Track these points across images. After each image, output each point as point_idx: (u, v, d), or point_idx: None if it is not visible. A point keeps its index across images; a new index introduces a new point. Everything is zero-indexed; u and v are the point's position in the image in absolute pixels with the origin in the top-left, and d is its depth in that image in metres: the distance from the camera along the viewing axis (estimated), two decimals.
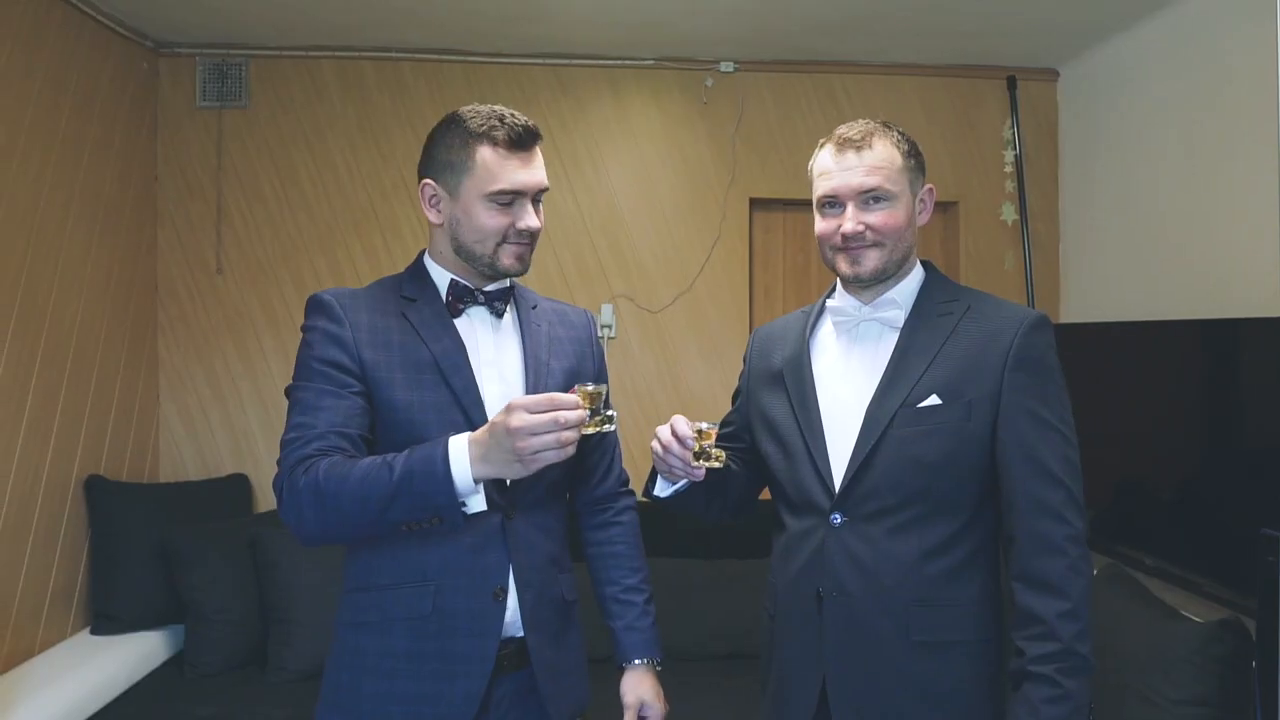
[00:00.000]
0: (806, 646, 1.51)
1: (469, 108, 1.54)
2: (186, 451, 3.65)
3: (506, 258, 1.54)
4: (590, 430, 1.32)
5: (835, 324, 1.61)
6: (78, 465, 3.12)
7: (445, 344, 1.53)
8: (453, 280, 1.58)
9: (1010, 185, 3.82)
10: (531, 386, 1.56)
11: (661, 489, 1.59)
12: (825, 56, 3.73)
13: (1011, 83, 3.78)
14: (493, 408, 1.52)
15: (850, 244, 1.52)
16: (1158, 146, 3.19)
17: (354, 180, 3.69)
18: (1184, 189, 3.06)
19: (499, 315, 1.61)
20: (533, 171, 1.53)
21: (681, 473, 1.47)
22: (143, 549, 3.14)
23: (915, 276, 1.60)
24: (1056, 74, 3.84)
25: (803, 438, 1.54)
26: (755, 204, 3.85)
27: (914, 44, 3.59)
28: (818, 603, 1.49)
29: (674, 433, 1.45)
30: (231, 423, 3.66)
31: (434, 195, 1.56)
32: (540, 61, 3.73)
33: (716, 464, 1.48)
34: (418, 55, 3.68)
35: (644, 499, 1.68)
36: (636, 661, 1.68)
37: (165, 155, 3.64)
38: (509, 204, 1.52)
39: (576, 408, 1.30)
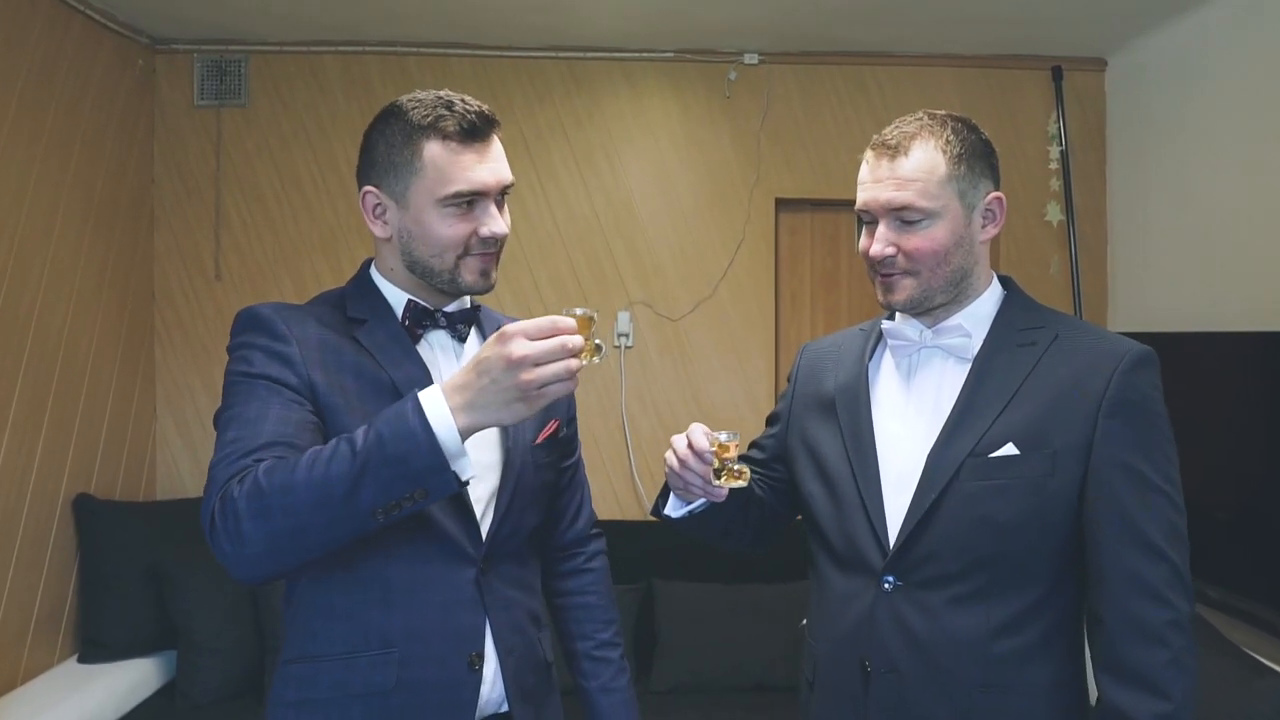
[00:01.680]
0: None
1: (410, 96, 1.31)
2: (184, 466, 3.50)
3: (469, 273, 1.31)
4: (584, 359, 1.10)
5: (892, 349, 1.39)
6: (65, 483, 2.97)
7: (408, 369, 1.29)
8: (409, 301, 1.35)
9: (1055, 183, 3.59)
10: (512, 431, 1.36)
11: (674, 508, 1.39)
12: (855, 47, 3.52)
13: (1057, 73, 3.55)
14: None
15: (881, 268, 1.31)
16: (1219, 140, 2.95)
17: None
18: (1248, 187, 2.82)
19: (461, 340, 1.38)
20: (493, 166, 1.29)
21: (699, 492, 1.27)
22: (134, 572, 3.00)
23: (990, 298, 1.36)
24: (1104, 63, 3.60)
25: (856, 483, 1.32)
26: (781, 204, 3.64)
27: (950, 32, 3.37)
28: (864, 677, 1.28)
29: (691, 445, 1.25)
30: None
31: (378, 204, 1.33)
32: (553, 55, 3.54)
33: (740, 482, 1.27)
34: (424, 49, 3.51)
35: (653, 518, 1.49)
36: None
37: (162, 156, 3.50)
38: (468, 208, 1.28)
39: (576, 332, 1.08)
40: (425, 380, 1.28)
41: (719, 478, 1.26)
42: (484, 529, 1.31)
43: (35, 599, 2.82)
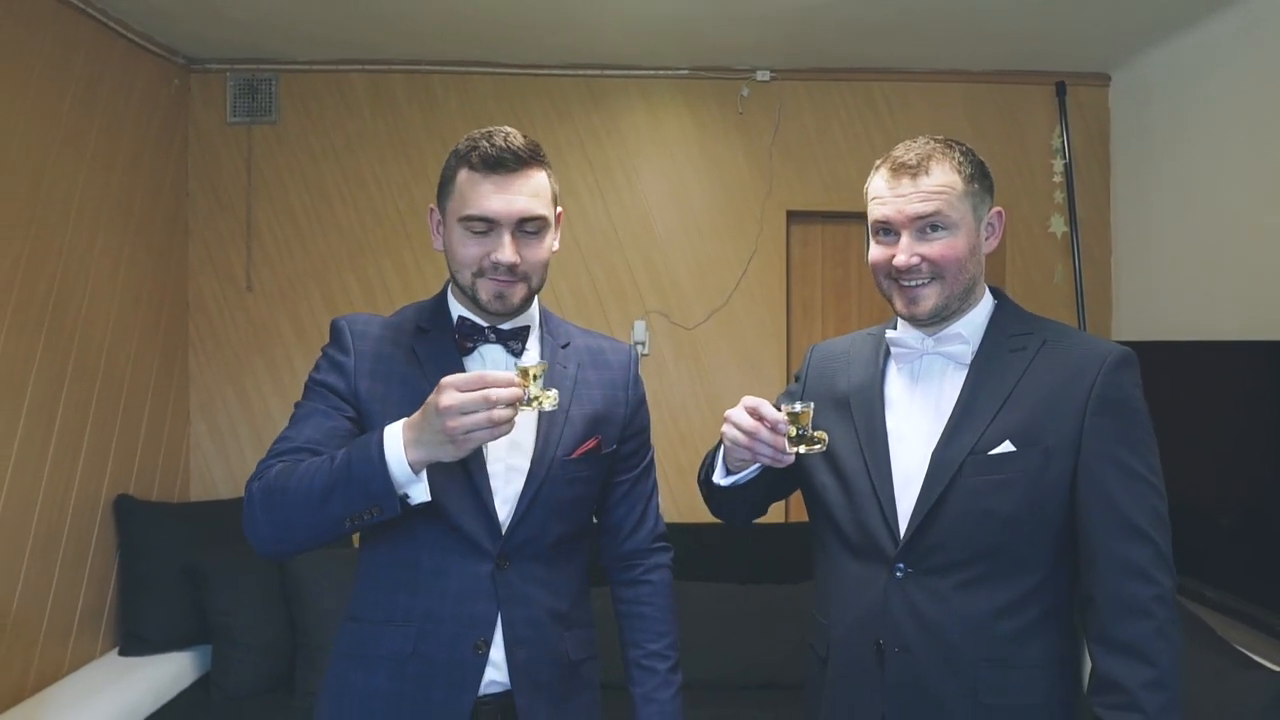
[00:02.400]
0: (867, 700, 1.41)
1: (475, 130, 1.46)
2: (217, 470, 3.63)
3: (484, 292, 1.43)
4: (525, 409, 1.23)
5: (896, 355, 1.49)
6: (107, 485, 3.11)
7: (439, 369, 1.43)
8: (460, 317, 1.49)
9: (1059, 196, 3.68)
10: (543, 438, 1.46)
11: (721, 476, 1.47)
12: (865, 63, 3.63)
13: (1060, 88, 3.64)
14: (495, 460, 1.43)
15: (905, 278, 1.40)
16: (1219, 154, 3.04)
17: (384, 195, 3.66)
18: (1248, 200, 2.90)
19: (517, 355, 1.50)
20: (509, 198, 1.39)
21: (769, 459, 1.34)
22: (171, 570, 3.12)
23: (984, 307, 1.47)
24: (1108, 78, 3.69)
25: (870, 478, 1.42)
26: (793, 216, 3.75)
27: (958, 49, 3.47)
28: (878, 655, 1.39)
29: (760, 417, 1.32)
30: (262, 440, 3.63)
31: (438, 220, 1.49)
32: (572, 73, 3.67)
33: (819, 446, 1.36)
34: (448, 68, 3.64)
35: (702, 488, 1.57)
36: None
37: (196, 171, 3.64)
38: (484, 232, 1.40)
39: (511, 385, 1.21)
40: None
41: (799, 444, 1.33)
42: (504, 527, 1.42)
43: (79, 595, 2.95)
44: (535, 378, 1.25)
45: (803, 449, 1.34)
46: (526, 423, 1.45)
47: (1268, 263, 2.79)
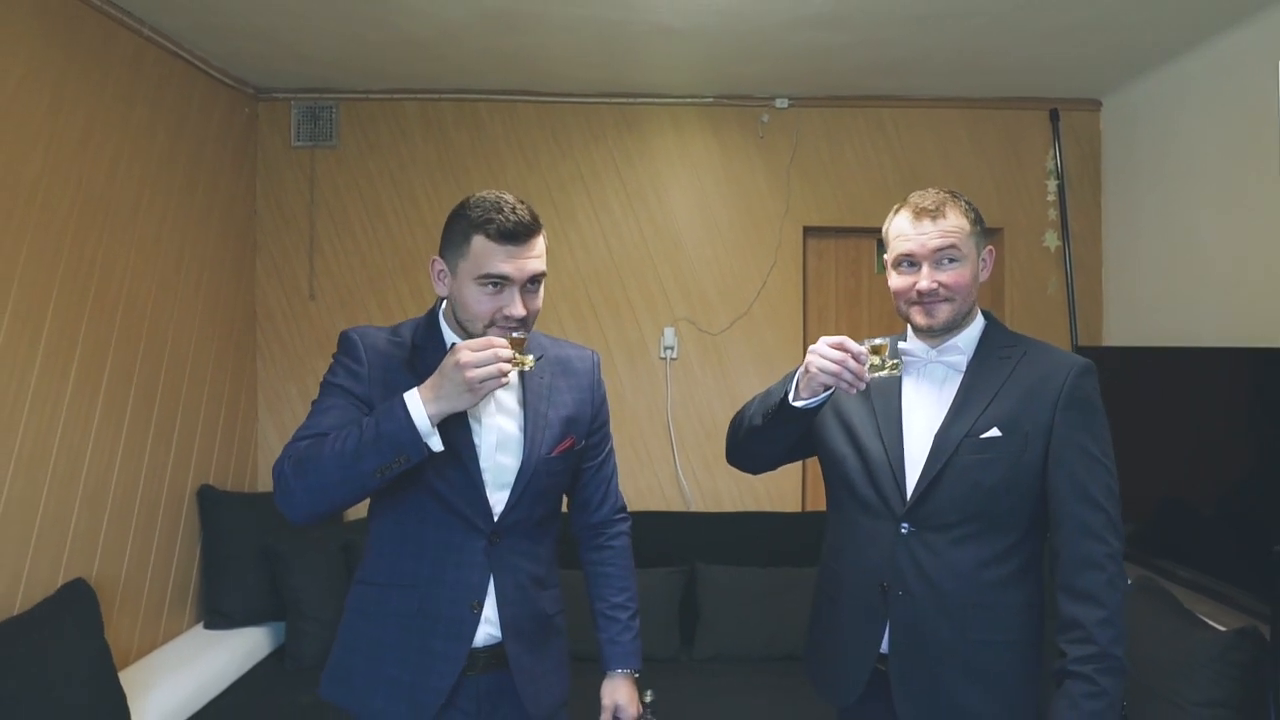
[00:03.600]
0: (868, 634, 1.74)
1: (477, 196, 1.65)
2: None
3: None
4: (515, 366, 1.56)
5: (906, 362, 1.82)
6: (192, 476, 3.45)
7: None
8: (454, 344, 1.71)
9: (1053, 213, 3.99)
10: (529, 438, 1.75)
11: (796, 399, 1.72)
12: (875, 92, 3.93)
13: (1054, 115, 3.95)
14: (487, 456, 1.72)
15: (925, 299, 1.73)
16: (1198, 176, 3.33)
17: (435, 213, 3.98)
18: (1224, 218, 3.19)
19: None
20: (521, 263, 1.61)
21: (847, 384, 1.62)
22: (248, 552, 3.45)
23: (976, 326, 1.80)
24: (1099, 104, 3.99)
25: (885, 452, 1.74)
26: (809, 231, 4.06)
27: (959, 79, 3.76)
28: (882, 595, 1.72)
29: (845, 349, 1.62)
30: None
31: (441, 270, 1.69)
32: (608, 101, 3.98)
33: (897, 371, 1.68)
34: (494, 96, 3.96)
35: (794, 405, 1.73)
36: (617, 671, 1.89)
37: (263, 191, 3.98)
38: (498, 290, 1.62)
39: (507, 347, 1.53)
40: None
41: (881, 370, 1.65)
42: (496, 513, 1.73)
43: (170, 575, 3.30)
44: (521, 347, 1.58)
45: (885, 371, 1.66)
46: (512, 428, 1.75)
47: (1241, 276, 3.09)
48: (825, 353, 1.63)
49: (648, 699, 2.15)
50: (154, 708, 2.77)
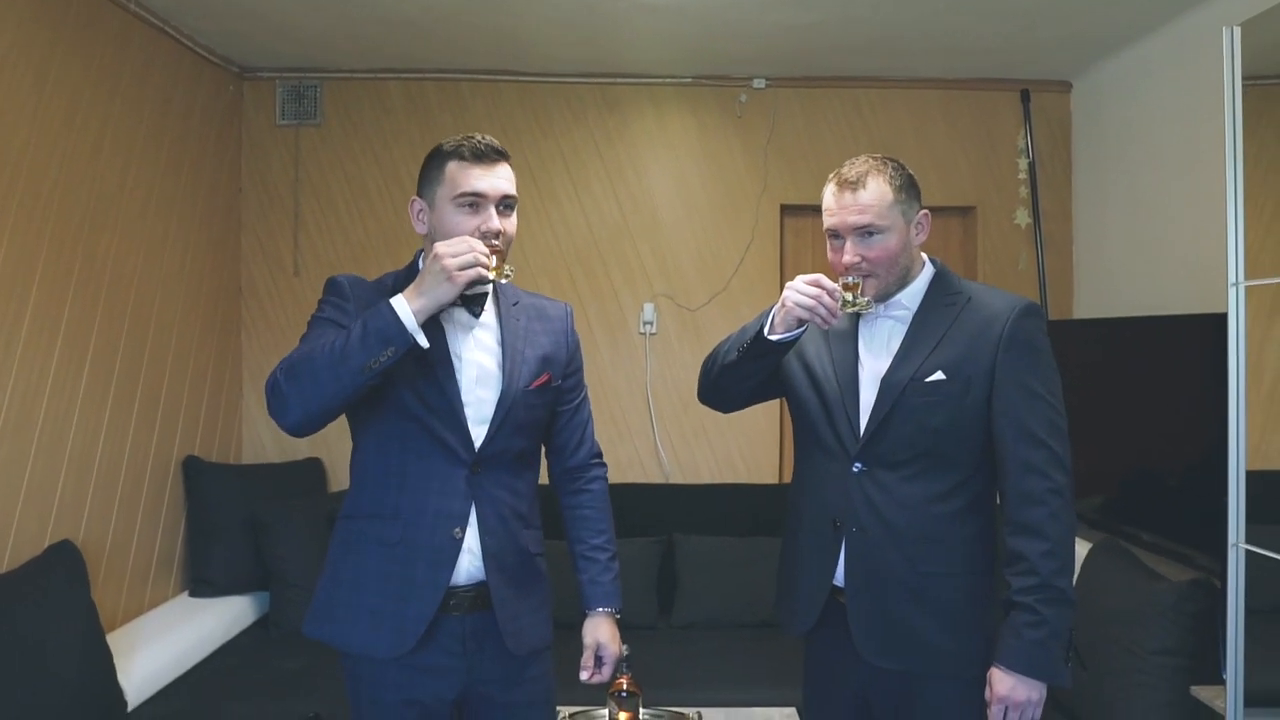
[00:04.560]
0: (821, 567, 1.81)
1: (450, 138, 1.78)
2: (266, 437, 4.02)
3: None
4: (492, 275, 1.64)
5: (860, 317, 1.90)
6: (177, 447, 3.50)
7: (425, 328, 1.72)
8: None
9: (1024, 191, 4.08)
10: (507, 373, 1.81)
11: (771, 333, 1.77)
12: (851, 73, 4.01)
13: (1025, 96, 4.04)
14: (468, 390, 1.78)
15: (850, 274, 1.78)
16: (1160, 154, 3.42)
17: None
18: (1185, 193, 3.28)
19: (476, 315, 1.83)
20: (494, 180, 1.73)
21: (821, 319, 1.69)
22: (233, 522, 3.51)
23: (923, 278, 1.85)
24: (1069, 85, 4.08)
25: (841, 395, 1.81)
26: (786, 210, 4.14)
27: (934, 61, 3.84)
28: (835, 532, 1.78)
29: (821, 285, 1.68)
30: None
31: (420, 209, 1.80)
32: (588, 80, 4.05)
33: (869, 309, 1.75)
34: (476, 76, 4.02)
35: (770, 338, 1.79)
36: (598, 610, 1.93)
37: (248, 169, 4.03)
38: (474, 207, 1.72)
39: (482, 250, 1.61)
40: (439, 339, 1.76)
41: (854, 306, 1.72)
42: (478, 443, 1.78)
43: (155, 543, 3.35)
44: (500, 261, 1.67)
45: (855, 310, 1.73)
46: (491, 364, 1.82)
47: (1199, 248, 3.17)
48: (802, 289, 1.69)
49: (624, 652, 2.20)
50: (139, 670, 2.82)
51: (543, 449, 1.99)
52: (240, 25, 3.47)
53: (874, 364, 1.82)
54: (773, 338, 1.76)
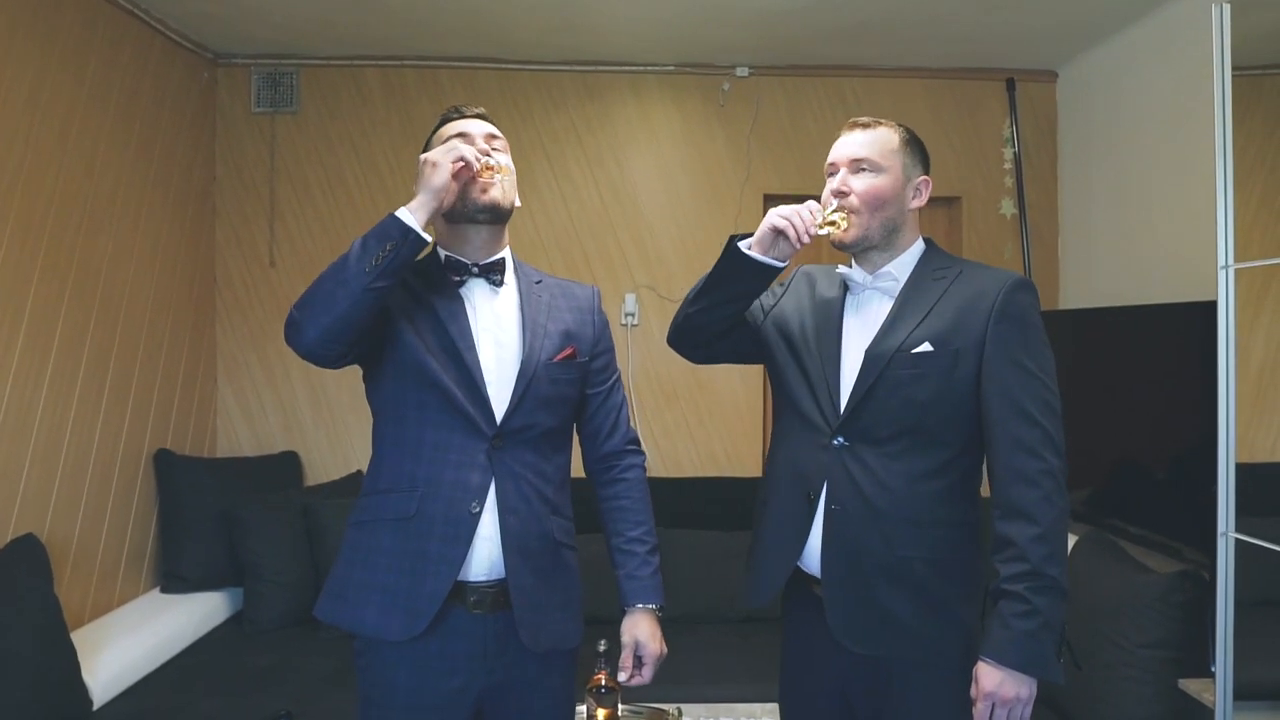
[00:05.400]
0: (789, 541, 1.74)
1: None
2: (241, 430, 3.95)
3: (476, 191, 1.74)
4: (487, 174, 1.69)
5: (849, 288, 1.84)
6: (149, 440, 3.42)
7: (444, 299, 1.74)
8: (447, 256, 1.79)
9: (1009, 181, 4.04)
10: (528, 346, 1.75)
11: (747, 247, 1.74)
12: (835, 61, 3.97)
13: (1010, 85, 4.00)
14: (488, 363, 1.73)
15: (836, 199, 1.74)
16: (1148, 142, 3.39)
17: (396, 180, 3.97)
18: (1168, 183, 3.26)
19: (496, 286, 1.80)
20: (480, 125, 1.79)
21: (798, 231, 1.67)
22: (206, 517, 3.44)
23: (913, 251, 1.80)
24: (1055, 75, 4.05)
25: (822, 365, 1.75)
26: (769, 199, 4.08)
27: (918, 48, 3.80)
28: (808, 507, 1.72)
29: (799, 206, 1.69)
30: (283, 404, 3.96)
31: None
32: (569, 68, 3.99)
33: (839, 230, 1.72)
34: (455, 63, 3.96)
35: (744, 251, 1.76)
36: (637, 606, 1.84)
37: (223, 157, 3.95)
38: (461, 137, 1.74)
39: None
40: (459, 308, 1.75)
41: (823, 228, 1.71)
42: (499, 415, 1.72)
43: (125, 538, 3.27)
44: (495, 174, 1.71)
45: (825, 230, 1.72)
46: (511, 339, 1.78)
47: (1187, 238, 3.15)
48: (782, 209, 1.69)
49: (601, 648, 2.13)
50: (106, 667, 2.75)
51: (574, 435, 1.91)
52: (213, 9, 3.40)
53: (859, 335, 1.75)
54: (743, 247, 1.72)
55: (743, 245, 1.73)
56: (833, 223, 1.72)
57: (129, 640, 2.96)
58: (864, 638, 1.68)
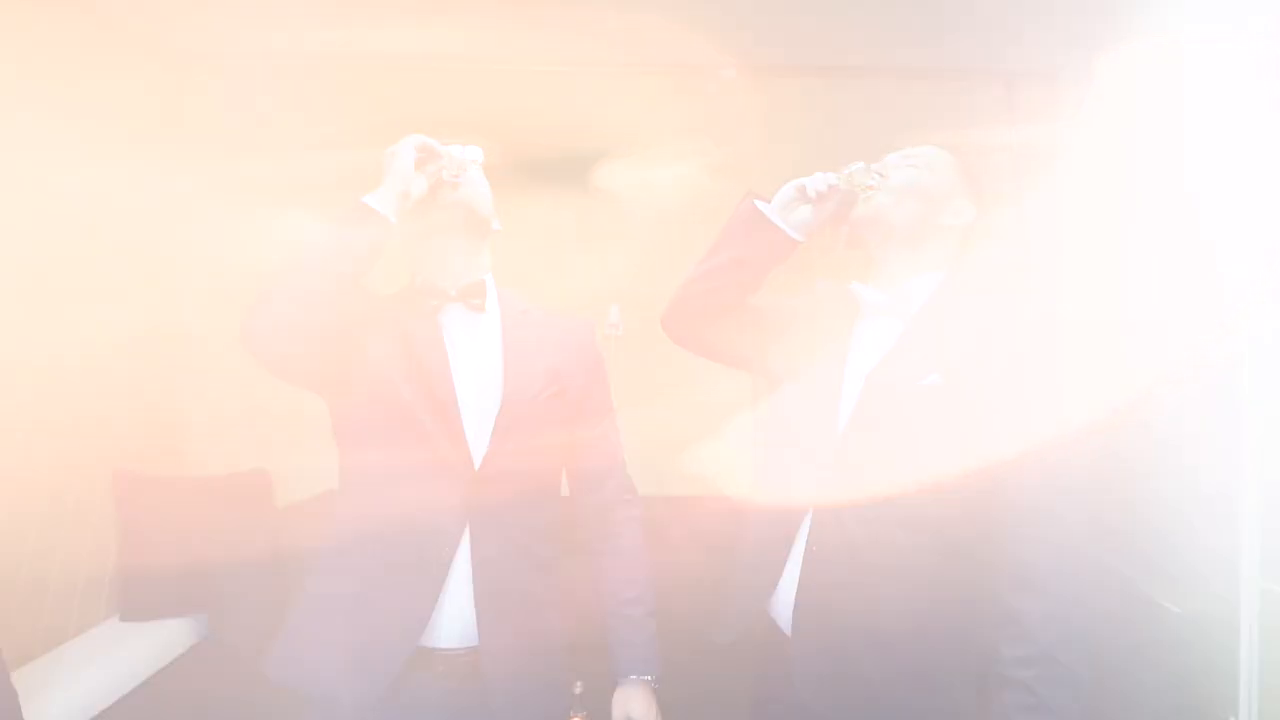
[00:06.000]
0: (759, 582, 1.61)
1: None
2: (209, 448, 3.79)
3: (443, 191, 1.68)
4: (449, 175, 1.62)
5: (863, 310, 1.72)
6: (108, 458, 3.25)
7: (419, 324, 1.63)
8: (422, 280, 1.69)
9: (1004, 185, 3.91)
10: (511, 383, 1.62)
11: (767, 210, 1.70)
12: (826, 62, 3.81)
13: (1008, 87, 3.87)
14: (466, 397, 1.60)
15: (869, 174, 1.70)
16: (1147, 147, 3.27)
17: (369, 186, 3.80)
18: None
19: (475, 311, 1.68)
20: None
21: (816, 188, 1.63)
22: (168, 540, 3.27)
23: (933, 277, 1.68)
24: (1054, 77, 3.91)
25: (821, 390, 1.63)
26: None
27: (914, 50, 3.66)
28: (785, 547, 1.60)
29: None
30: (252, 420, 3.79)
31: None
32: (550, 69, 3.83)
33: (869, 193, 1.66)
34: (430, 62, 3.80)
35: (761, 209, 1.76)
36: (630, 677, 1.70)
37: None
38: None
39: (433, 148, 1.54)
40: (434, 334, 1.63)
41: (854, 186, 1.67)
42: (478, 456, 1.57)
43: (79, 564, 3.10)
44: (457, 160, 1.65)
45: (850, 182, 1.68)
46: (492, 371, 1.64)
47: None
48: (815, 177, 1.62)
49: (577, 690, 1.98)
50: (56, 706, 2.60)
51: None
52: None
53: (863, 360, 1.62)
54: (765, 211, 1.64)
55: (765, 210, 1.66)
56: (864, 185, 1.64)
57: (83, 674, 2.80)
58: (833, 701, 1.48)
